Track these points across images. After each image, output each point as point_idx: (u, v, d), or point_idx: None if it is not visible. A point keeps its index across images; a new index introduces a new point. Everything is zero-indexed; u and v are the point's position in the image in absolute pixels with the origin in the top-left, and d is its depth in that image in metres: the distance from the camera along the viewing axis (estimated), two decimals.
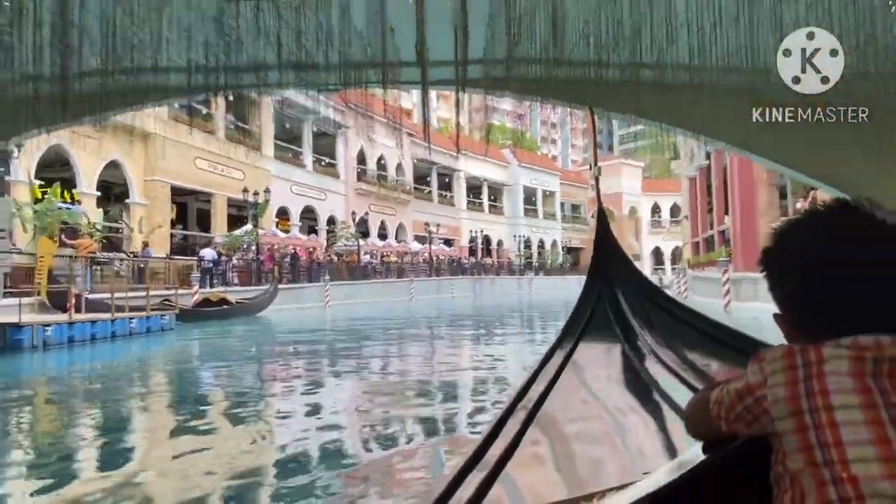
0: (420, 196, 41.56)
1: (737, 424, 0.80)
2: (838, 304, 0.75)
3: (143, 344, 11.22)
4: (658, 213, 65.29)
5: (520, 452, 1.37)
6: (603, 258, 3.60)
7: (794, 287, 0.79)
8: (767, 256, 0.82)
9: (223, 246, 22.26)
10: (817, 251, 0.76)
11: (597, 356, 2.77)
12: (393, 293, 29.94)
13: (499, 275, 43.44)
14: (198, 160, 23.67)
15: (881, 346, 0.71)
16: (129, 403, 6.51)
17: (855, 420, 0.68)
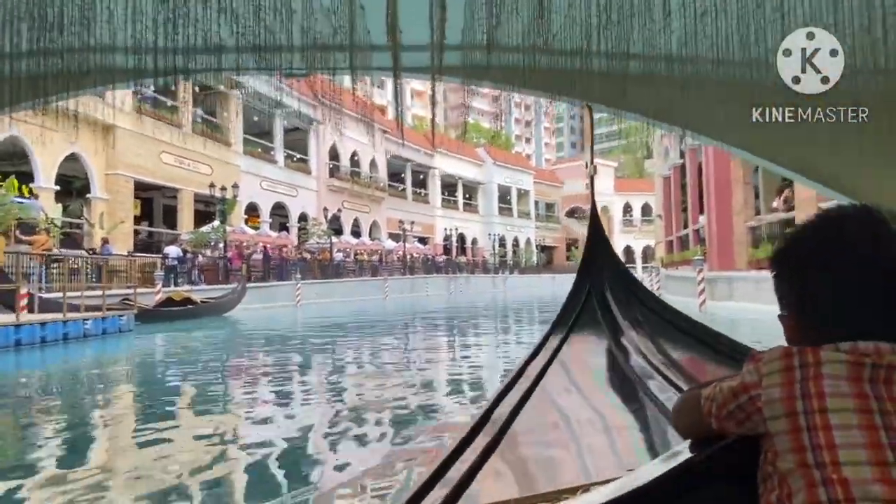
0: (394, 193, 41.11)
1: (727, 422, 0.82)
2: (844, 308, 0.76)
3: (97, 346, 10.55)
4: (630, 212, 65.92)
5: (507, 440, 1.39)
6: (594, 255, 3.60)
7: (802, 288, 0.81)
8: (779, 257, 0.84)
9: (189, 243, 21.55)
10: (829, 255, 0.77)
11: (584, 352, 2.80)
12: (367, 292, 29.48)
13: (473, 273, 43.25)
14: (163, 154, 22.89)
15: (881, 353, 0.73)
16: (69, 414, 5.99)
17: (849, 424, 0.69)
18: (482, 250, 49.78)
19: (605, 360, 2.68)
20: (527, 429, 1.58)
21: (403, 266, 35.64)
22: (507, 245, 52.27)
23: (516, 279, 47.13)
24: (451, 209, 47.86)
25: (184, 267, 19.35)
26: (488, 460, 1.25)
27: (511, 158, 57.09)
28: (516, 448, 1.43)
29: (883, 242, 0.75)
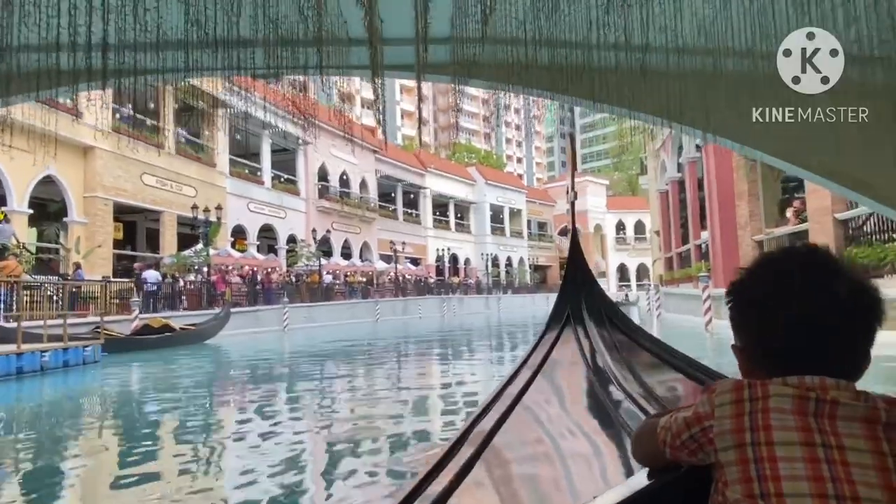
0: (385, 214, 40.45)
1: (680, 452, 0.85)
2: (792, 344, 0.79)
3: (54, 381, 9.54)
4: (623, 230, 65.62)
5: (484, 460, 1.43)
6: (573, 278, 3.68)
7: (753, 323, 0.83)
8: (733, 290, 0.87)
9: (170, 267, 20.72)
10: (777, 293, 0.80)
11: (562, 375, 2.82)
12: (357, 314, 28.66)
13: (466, 294, 42.47)
14: (144, 175, 22.16)
15: (825, 388, 0.76)
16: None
17: (793, 456, 0.73)
18: (475, 270, 49.08)
19: (581, 383, 2.71)
20: (503, 449, 1.60)
21: (395, 288, 34.84)
22: (501, 265, 51.60)
23: (510, 299, 46.38)
24: (443, 229, 47.23)
25: (162, 292, 18.49)
26: (465, 479, 1.28)
27: (503, 177, 56.71)
28: (492, 468, 1.47)
29: (827, 282, 0.79)
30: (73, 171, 19.35)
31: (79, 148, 19.48)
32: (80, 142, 19.22)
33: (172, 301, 18.79)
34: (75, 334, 11.49)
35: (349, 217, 35.82)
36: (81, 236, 19.21)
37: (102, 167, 20.14)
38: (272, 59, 5.13)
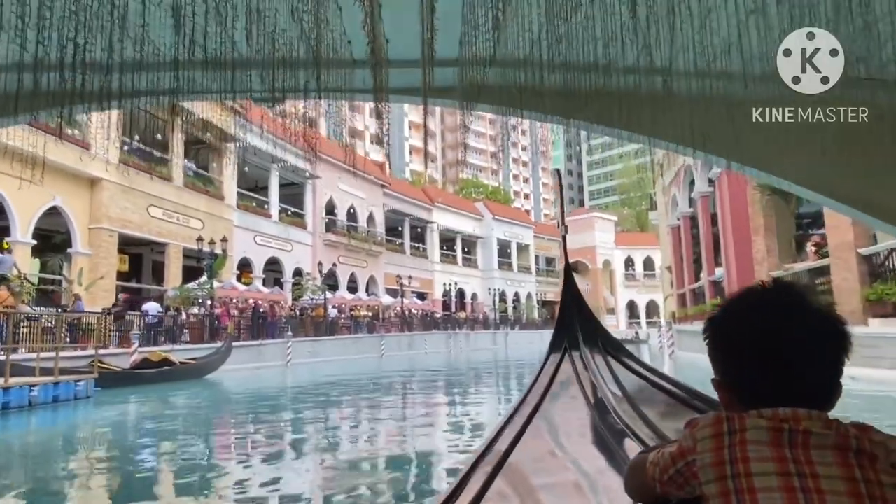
0: (392, 248, 40.24)
1: (669, 487, 0.89)
2: (764, 378, 0.82)
3: (39, 419, 9.05)
4: (632, 266, 65.08)
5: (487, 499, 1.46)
6: (569, 314, 3.69)
7: (729, 357, 0.87)
8: (709, 325, 0.90)
9: (174, 300, 20.44)
10: (752, 327, 0.84)
11: (562, 410, 2.81)
12: (362, 349, 28.16)
13: (473, 329, 41.86)
14: (151, 208, 22.08)
15: (798, 419, 0.79)
16: None
17: (771, 486, 0.75)
18: (482, 305, 48.55)
19: (582, 417, 2.71)
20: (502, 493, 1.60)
21: (401, 322, 34.35)
22: (508, 300, 51.03)
23: (518, 335, 45.70)
24: (450, 264, 46.92)
25: (165, 325, 18.16)
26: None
27: (510, 212, 56.60)
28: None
29: (797, 316, 0.82)
30: (79, 202, 19.28)
31: (86, 179, 19.45)
32: (87, 173, 19.20)
33: (174, 334, 18.43)
34: (71, 368, 11.13)
35: (356, 251, 35.62)
36: (85, 268, 19.01)
37: (109, 199, 20.07)
38: (270, 80, 4.86)
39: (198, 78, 4.74)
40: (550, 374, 3.20)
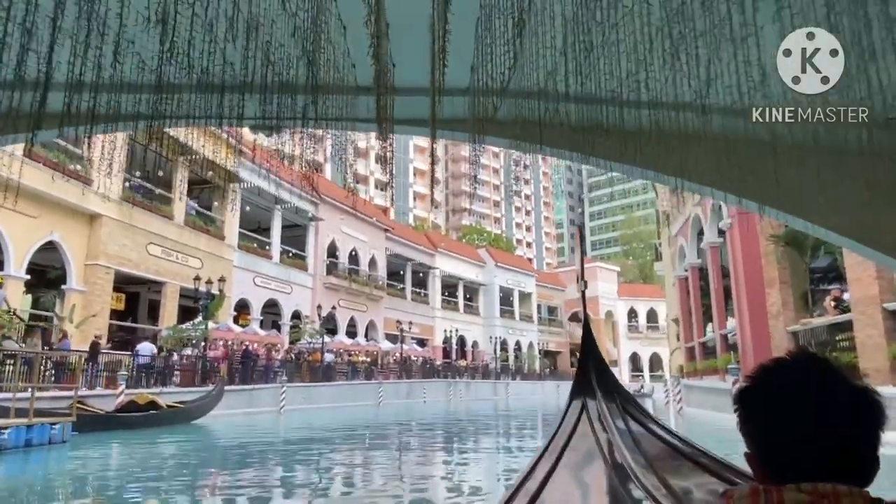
0: (393, 293, 39.74)
1: None
2: (801, 453, 0.81)
3: (8, 465, 8.32)
4: (635, 317, 64.27)
5: None
6: (588, 368, 3.65)
7: (762, 432, 0.85)
8: (739, 399, 0.89)
9: (166, 340, 19.90)
10: (782, 402, 0.83)
11: (579, 470, 2.83)
12: (359, 396, 27.36)
13: (474, 378, 40.92)
14: (150, 245, 21.77)
15: (838, 495, 0.78)
16: None
17: None
18: (483, 354, 47.66)
19: (599, 479, 2.68)
20: None
21: (400, 369, 33.55)
22: (509, 349, 50.14)
23: (519, 385, 44.68)
24: (452, 310, 46.29)
25: (157, 367, 17.56)
26: None
27: (513, 260, 56.26)
28: None
29: (829, 389, 0.82)
30: (77, 237, 18.98)
31: (85, 215, 19.21)
32: (87, 209, 18.98)
33: (165, 376, 17.81)
34: (50, 409, 10.54)
35: (356, 294, 35.13)
36: (78, 305, 18.55)
37: (107, 235, 19.78)
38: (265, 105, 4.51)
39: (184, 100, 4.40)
40: (568, 432, 3.19)
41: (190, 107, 4.44)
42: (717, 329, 14.59)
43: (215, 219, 26.06)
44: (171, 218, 22.87)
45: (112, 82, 3.71)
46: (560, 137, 4.96)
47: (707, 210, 14.64)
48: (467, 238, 64.57)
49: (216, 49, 3.53)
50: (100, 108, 3.85)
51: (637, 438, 3.04)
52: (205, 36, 3.50)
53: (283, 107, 4.55)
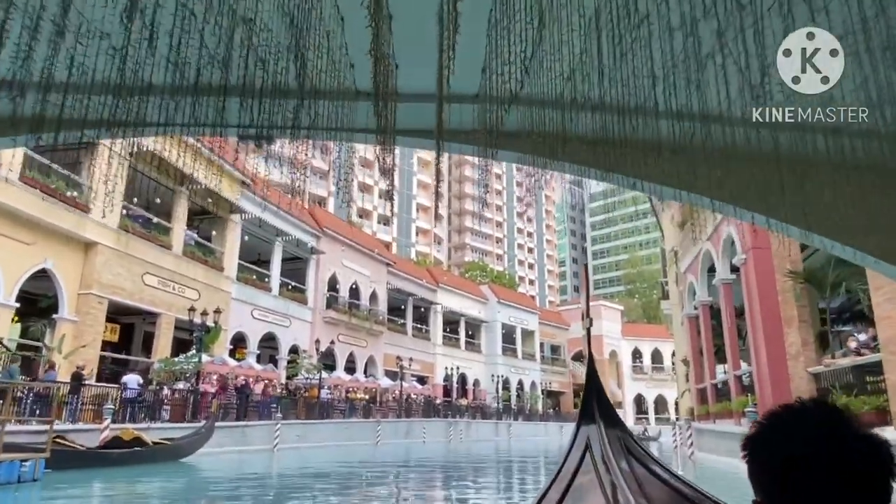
0: (393, 328, 39.01)
1: None
2: (811, 499, 0.81)
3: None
4: (639, 358, 63.14)
5: None
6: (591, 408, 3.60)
7: (773, 481, 0.84)
8: (749, 445, 0.89)
9: (158, 373, 19.25)
10: (797, 450, 0.83)
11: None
12: (356, 435, 26.44)
13: (475, 418, 39.82)
14: (146, 275, 21.29)
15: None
16: None
17: None
18: (484, 392, 46.57)
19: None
20: None
21: (399, 407, 32.60)
22: (511, 388, 49.02)
23: (521, 426, 43.48)
24: (453, 347, 45.42)
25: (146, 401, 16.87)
26: None
27: (516, 297, 55.55)
28: None
29: (842, 440, 0.81)
30: (70, 265, 18.53)
31: (80, 242, 18.80)
32: (82, 236, 18.59)
33: (153, 411, 17.10)
34: (28, 444, 9.90)
35: (356, 329, 34.45)
36: (69, 335, 17.97)
37: (102, 264, 19.33)
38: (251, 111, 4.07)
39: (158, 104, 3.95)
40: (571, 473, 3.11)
41: (166, 113, 3.96)
42: (730, 370, 13.95)
43: (214, 250, 25.64)
44: (168, 247, 22.46)
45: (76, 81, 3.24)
46: (578, 151, 4.46)
47: (719, 245, 14.17)
48: (470, 274, 64.04)
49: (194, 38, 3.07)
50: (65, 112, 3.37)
51: (641, 481, 2.99)
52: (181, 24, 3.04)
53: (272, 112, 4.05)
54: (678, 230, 20.01)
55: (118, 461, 12.18)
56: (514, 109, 4.48)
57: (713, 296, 16.18)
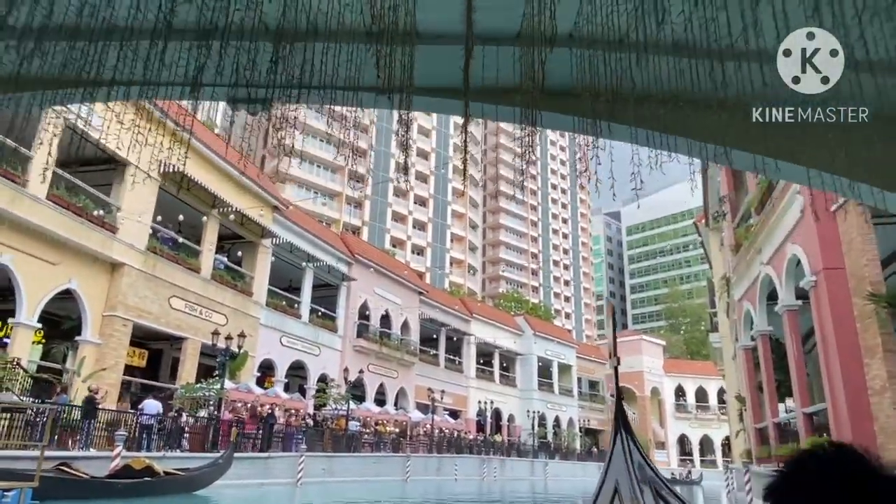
0: (425, 359, 37.85)
1: None
2: None
3: None
4: (682, 396, 60.19)
5: None
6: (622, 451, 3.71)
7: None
8: (772, 494, 0.88)
9: (179, 399, 18.55)
10: (821, 499, 0.82)
11: None
12: (384, 470, 25.20)
13: (509, 455, 38.02)
14: (173, 299, 20.83)
15: None
16: None
17: None
18: (519, 428, 44.69)
19: None
20: None
21: (430, 442, 31.22)
22: (548, 424, 46.97)
23: (558, 465, 41.40)
24: (487, 380, 43.87)
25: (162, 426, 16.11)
26: None
27: (552, 329, 53.76)
28: None
29: (867, 486, 0.81)
30: (96, 286, 18.15)
31: (107, 263, 18.45)
32: (109, 257, 18.25)
33: (173, 438, 16.31)
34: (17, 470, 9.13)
35: (387, 359, 33.44)
36: (91, 357, 17.47)
37: (128, 286, 18.92)
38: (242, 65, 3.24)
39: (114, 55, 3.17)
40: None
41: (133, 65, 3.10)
42: (798, 407, 12.43)
43: (244, 274, 25.16)
44: (197, 271, 22.02)
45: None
46: (638, 112, 3.45)
47: (782, 268, 12.80)
48: (504, 306, 62.59)
49: None
50: None
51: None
52: None
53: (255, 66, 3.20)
54: (730, 255, 18.59)
55: (123, 492, 11.32)
56: (566, 55, 3.50)
57: (773, 325, 14.70)
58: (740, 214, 17.03)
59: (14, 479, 8.13)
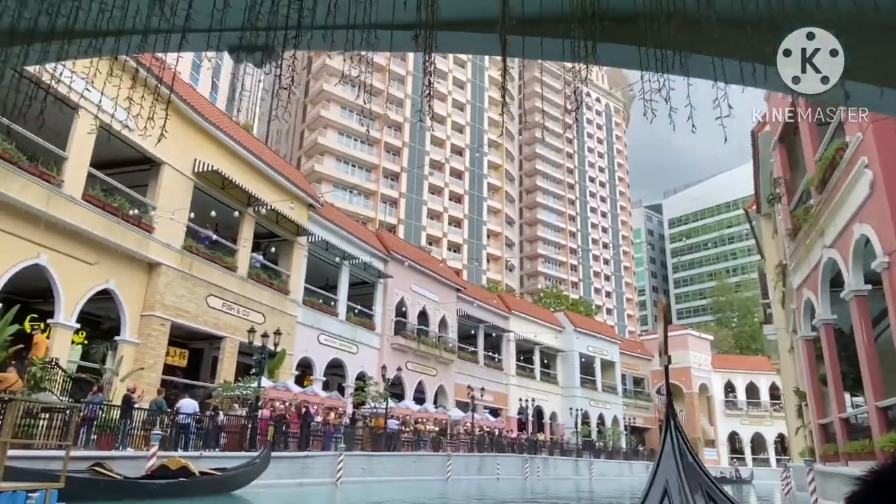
0: (464, 356, 37.28)
1: None
2: None
3: None
4: (732, 392, 58.05)
5: None
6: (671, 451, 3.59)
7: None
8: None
9: (217, 397, 18.44)
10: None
11: None
12: (424, 469, 24.76)
13: (552, 454, 37.14)
14: (210, 297, 20.78)
15: None
16: None
17: None
18: (562, 427, 43.72)
19: None
20: None
21: (471, 441, 30.63)
22: (592, 423, 45.83)
23: (604, 465, 40.29)
24: (527, 378, 43.02)
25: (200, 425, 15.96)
26: None
27: (594, 325, 52.48)
28: None
29: None
30: (133, 286, 18.18)
31: (144, 263, 18.47)
32: (146, 256, 18.26)
33: (210, 437, 16.15)
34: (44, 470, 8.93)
35: (425, 357, 33.00)
36: (129, 357, 17.51)
37: (165, 285, 18.91)
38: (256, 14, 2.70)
39: None
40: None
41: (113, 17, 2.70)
42: (871, 401, 11.39)
43: (280, 272, 25.04)
44: (233, 270, 21.95)
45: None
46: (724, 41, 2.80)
47: (848, 250, 11.77)
48: (544, 302, 61.51)
49: None
50: None
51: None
52: None
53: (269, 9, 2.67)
54: (786, 240, 17.43)
55: (157, 493, 11.09)
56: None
57: (838, 313, 13.60)
58: (798, 196, 15.90)
59: (37, 480, 7.89)
